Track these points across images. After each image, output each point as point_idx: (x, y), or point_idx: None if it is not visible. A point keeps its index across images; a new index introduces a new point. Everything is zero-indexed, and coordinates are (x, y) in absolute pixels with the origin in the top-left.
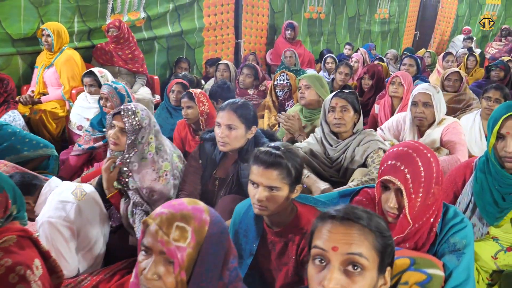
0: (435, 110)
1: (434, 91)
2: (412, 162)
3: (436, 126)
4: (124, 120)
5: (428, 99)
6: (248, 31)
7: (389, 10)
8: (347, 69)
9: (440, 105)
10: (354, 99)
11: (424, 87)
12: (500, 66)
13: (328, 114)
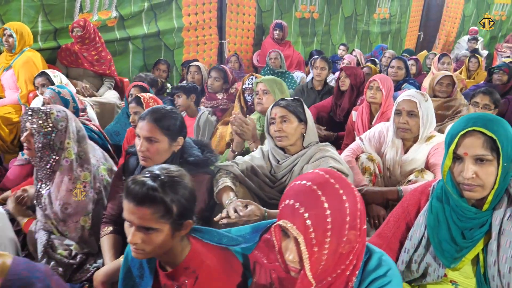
0: (421, 122)
1: (421, 99)
2: (315, 204)
3: (423, 141)
4: (33, 121)
5: (413, 107)
6: (233, 31)
7: (389, 10)
8: (323, 63)
9: (428, 116)
10: (298, 107)
11: (410, 94)
12: (504, 69)
13: (270, 127)
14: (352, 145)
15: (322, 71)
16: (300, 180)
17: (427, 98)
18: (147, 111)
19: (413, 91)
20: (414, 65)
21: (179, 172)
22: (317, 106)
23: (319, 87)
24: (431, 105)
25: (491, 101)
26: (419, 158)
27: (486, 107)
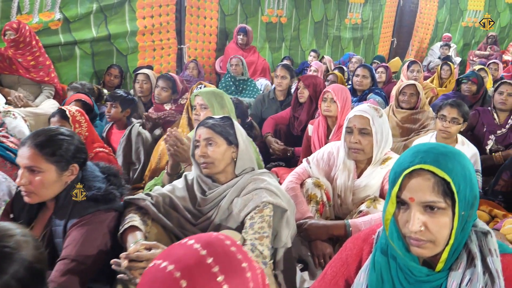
0: (374, 141)
1: (375, 114)
2: (200, 273)
3: (378, 164)
4: None
5: (365, 124)
6: (194, 36)
7: (361, 15)
8: (283, 71)
9: (382, 134)
10: (227, 127)
11: (362, 109)
12: (472, 79)
13: (195, 151)
14: (297, 169)
15: (283, 80)
16: (177, 247)
17: (381, 113)
18: (29, 135)
19: (365, 105)
20: (384, 73)
21: (15, 238)
22: (275, 118)
23: (282, 97)
24: (386, 121)
25: (460, 114)
26: (373, 183)
27: (454, 121)
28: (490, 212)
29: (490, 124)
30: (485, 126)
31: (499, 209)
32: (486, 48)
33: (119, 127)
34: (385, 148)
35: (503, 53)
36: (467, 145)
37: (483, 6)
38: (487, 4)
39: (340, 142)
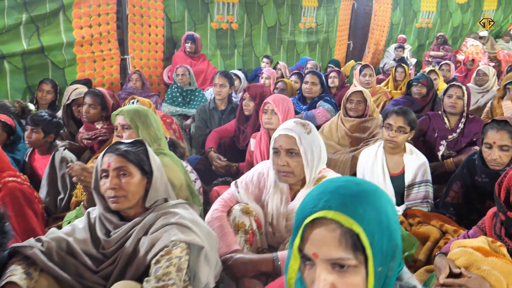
0: (304, 162)
1: (302, 132)
2: None
3: (312, 185)
4: None
5: (292, 144)
6: (138, 45)
7: (315, 19)
8: (222, 79)
9: (313, 152)
10: (141, 153)
11: (287, 126)
12: (422, 81)
13: (100, 182)
14: (224, 194)
15: (222, 88)
16: None
17: (309, 129)
18: None
19: (291, 122)
20: (337, 78)
21: None
22: (219, 131)
23: (222, 106)
24: (316, 137)
25: (406, 123)
26: None
27: (400, 129)
28: (441, 227)
29: (441, 129)
30: (436, 131)
31: (450, 224)
32: (439, 49)
33: (42, 153)
34: (318, 166)
35: (456, 52)
36: (416, 154)
37: (435, 7)
38: (439, 5)
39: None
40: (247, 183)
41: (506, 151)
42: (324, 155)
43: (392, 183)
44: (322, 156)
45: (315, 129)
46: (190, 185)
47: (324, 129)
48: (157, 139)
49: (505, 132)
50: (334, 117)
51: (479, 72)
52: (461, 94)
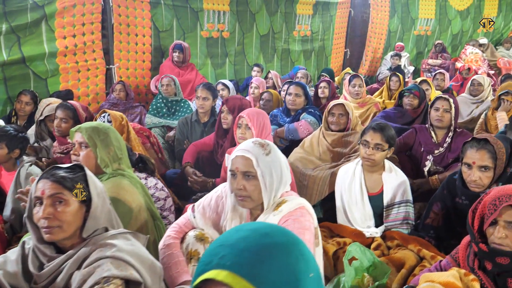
0: (262, 185)
1: (260, 153)
2: None
3: (271, 210)
4: None
5: (249, 167)
6: (124, 55)
7: (310, 27)
8: (205, 92)
9: (272, 175)
10: (80, 180)
11: (245, 147)
12: (414, 92)
13: (33, 211)
14: (180, 219)
15: (205, 101)
16: None
17: (269, 150)
18: None
19: (249, 142)
20: (327, 88)
21: None
22: (197, 144)
23: (205, 118)
24: (277, 159)
25: (384, 140)
26: None
27: (378, 147)
28: (418, 252)
29: (427, 143)
30: (422, 145)
31: (428, 249)
32: (437, 56)
33: (8, 169)
34: (279, 189)
35: (455, 60)
36: (395, 172)
37: (434, 14)
38: (438, 12)
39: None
40: (204, 207)
41: (487, 172)
42: (287, 177)
43: (370, 203)
44: (284, 179)
45: (276, 150)
46: (151, 208)
47: (305, 144)
48: (117, 159)
49: (486, 151)
50: (316, 130)
51: (473, 82)
52: (448, 107)
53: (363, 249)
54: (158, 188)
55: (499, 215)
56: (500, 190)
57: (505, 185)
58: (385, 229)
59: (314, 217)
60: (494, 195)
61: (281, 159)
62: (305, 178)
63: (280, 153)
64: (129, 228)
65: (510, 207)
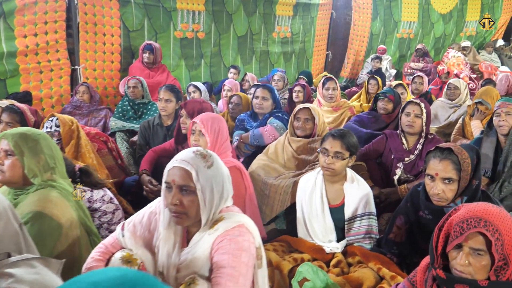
0: (201, 202)
1: (201, 165)
2: None
3: (207, 229)
4: None
5: (187, 180)
6: (91, 55)
7: (290, 28)
8: (167, 93)
9: (213, 191)
10: None
11: (184, 157)
12: (389, 96)
13: None
14: (108, 238)
15: (167, 103)
16: None
17: (211, 161)
18: None
19: (190, 152)
20: (301, 92)
21: None
22: (156, 150)
23: (168, 121)
24: (219, 172)
25: (344, 148)
26: (199, 255)
27: (337, 155)
28: (378, 271)
29: (398, 150)
30: (393, 152)
31: (389, 267)
32: (419, 60)
33: None
34: (220, 205)
35: (438, 64)
36: (358, 183)
37: (417, 17)
38: (420, 15)
39: None
40: (135, 225)
41: (450, 185)
42: (228, 192)
43: (331, 216)
44: (226, 194)
45: (218, 162)
46: (86, 223)
47: (269, 150)
48: (48, 168)
49: (449, 162)
50: (281, 136)
51: (449, 86)
52: (420, 112)
53: (315, 269)
54: (105, 201)
55: (465, 240)
56: (470, 211)
57: (477, 202)
58: (347, 244)
59: (256, 236)
60: (463, 215)
61: (223, 172)
62: (266, 187)
63: (223, 165)
64: (58, 246)
65: (478, 233)
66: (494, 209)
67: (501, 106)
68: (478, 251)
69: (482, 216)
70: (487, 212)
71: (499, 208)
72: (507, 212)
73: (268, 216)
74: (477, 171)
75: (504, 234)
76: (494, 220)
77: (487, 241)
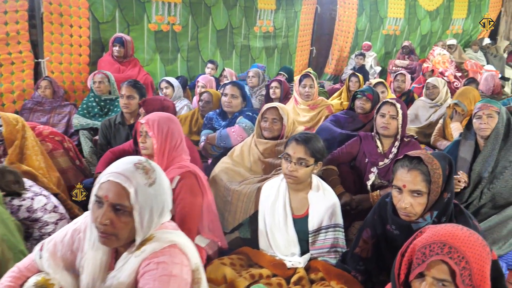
0: (137, 225)
1: (142, 183)
2: None
3: (134, 250)
4: None
5: (122, 198)
6: (57, 48)
7: (273, 23)
8: (129, 89)
9: (152, 213)
10: None
11: (122, 171)
12: (368, 95)
13: None
14: (24, 259)
15: (130, 100)
16: None
17: (154, 178)
18: None
19: (129, 163)
20: (278, 88)
21: None
22: (114, 151)
23: (131, 120)
24: (161, 190)
25: (308, 153)
26: (124, 280)
27: (301, 162)
28: None
29: (372, 153)
30: (366, 156)
31: (352, 287)
32: (404, 58)
33: None
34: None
35: (423, 61)
36: (323, 191)
37: (403, 13)
38: (407, 11)
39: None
40: (56, 244)
41: (419, 198)
42: (168, 207)
43: (295, 227)
44: (166, 211)
45: (161, 177)
46: (9, 238)
47: (235, 152)
48: None
49: (418, 173)
50: (248, 137)
51: (428, 85)
52: (395, 113)
53: None
54: (47, 210)
55: (427, 269)
56: (434, 234)
57: (444, 224)
58: (310, 258)
59: (192, 257)
60: (426, 240)
61: (165, 188)
62: (229, 193)
63: (165, 180)
64: None
65: (441, 261)
66: (462, 232)
67: (482, 108)
68: (442, 282)
69: (446, 240)
70: (453, 236)
71: (469, 231)
72: (478, 235)
73: (231, 224)
74: (449, 182)
75: (472, 262)
76: (460, 245)
77: (452, 270)
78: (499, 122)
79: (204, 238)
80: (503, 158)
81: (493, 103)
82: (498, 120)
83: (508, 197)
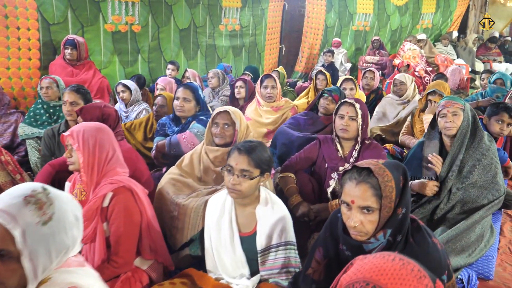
0: (27, 272)
1: (33, 222)
2: None
3: None
4: None
5: (5, 243)
6: (3, 51)
7: (239, 21)
8: (72, 95)
9: (50, 255)
10: None
11: (6, 207)
12: (334, 96)
13: None
14: None
15: (73, 107)
16: None
17: (50, 214)
18: None
19: (17, 197)
20: (243, 88)
21: None
22: (54, 164)
23: None
24: (61, 228)
25: (253, 164)
26: None
27: (244, 174)
28: None
29: (332, 158)
30: (326, 160)
31: None
32: (374, 53)
33: None
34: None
35: (394, 57)
36: (272, 205)
37: (372, 9)
38: (376, 7)
39: None
40: None
41: (370, 215)
42: (75, 241)
43: (242, 246)
44: (72, 246)
45: (63, 210)
46: None
47: (184, 161)
48: None
49: (368, 187)
50: (198, 145)
51: (395, 82)
52: (354, 114)
53: None
54: None
55: None
56: (358, 270)
57: (374, 255)
58: (261, 279)
59: None
60: (350, 277)
61: (69, 223)
62: (175, 207)
63: (70, 209)
64: None
65: None
66: (392, 264)
67: (447, 105)
68: None
69: (371, 278)
70: (380, 271)
71: (401, 262)
72: (413, 266)
73: (179, 241)
74: (403, 196)
75: None
76: (387, 283)
77: None
78: (464, 120)
79: (146, 260)
80: (471, 157)
81: (457, 100)
82: (463, 117)
83: (477, 197)
